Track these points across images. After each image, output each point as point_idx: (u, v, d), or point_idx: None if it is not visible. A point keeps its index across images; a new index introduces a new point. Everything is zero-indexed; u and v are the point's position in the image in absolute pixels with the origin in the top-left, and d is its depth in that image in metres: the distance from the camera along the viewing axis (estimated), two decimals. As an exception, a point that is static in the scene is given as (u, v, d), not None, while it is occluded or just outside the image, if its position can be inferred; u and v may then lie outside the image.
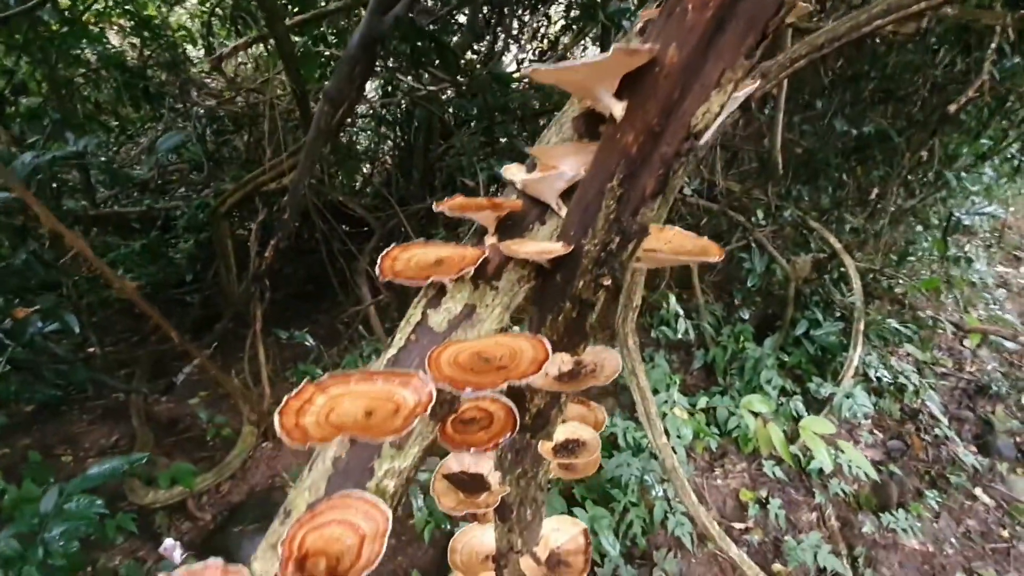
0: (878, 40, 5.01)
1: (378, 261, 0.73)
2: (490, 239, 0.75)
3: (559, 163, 0.74)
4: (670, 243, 0.88)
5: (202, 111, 4.87)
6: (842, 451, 3.11)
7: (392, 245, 0.77)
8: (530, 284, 0.71)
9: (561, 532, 0.90)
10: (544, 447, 0.90)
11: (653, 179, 0.60)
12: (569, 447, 0.90)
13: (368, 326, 4.96)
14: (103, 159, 4.37)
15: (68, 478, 2.34)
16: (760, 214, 4.20)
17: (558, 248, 0.67)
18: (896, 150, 4.81)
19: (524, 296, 0.72)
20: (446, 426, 0.68)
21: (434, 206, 0.76)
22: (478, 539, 1.00)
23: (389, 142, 6.06)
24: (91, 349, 4.93)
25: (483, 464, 0.79)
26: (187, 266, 6.71)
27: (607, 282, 0.65)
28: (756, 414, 3.27)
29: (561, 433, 0.92)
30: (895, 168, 4.86)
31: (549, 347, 0.64)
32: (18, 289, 3.13)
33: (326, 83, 2.34)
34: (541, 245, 0.70)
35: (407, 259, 0.76)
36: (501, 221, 0.77)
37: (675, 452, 2.58)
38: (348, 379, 0.66)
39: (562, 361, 0.85)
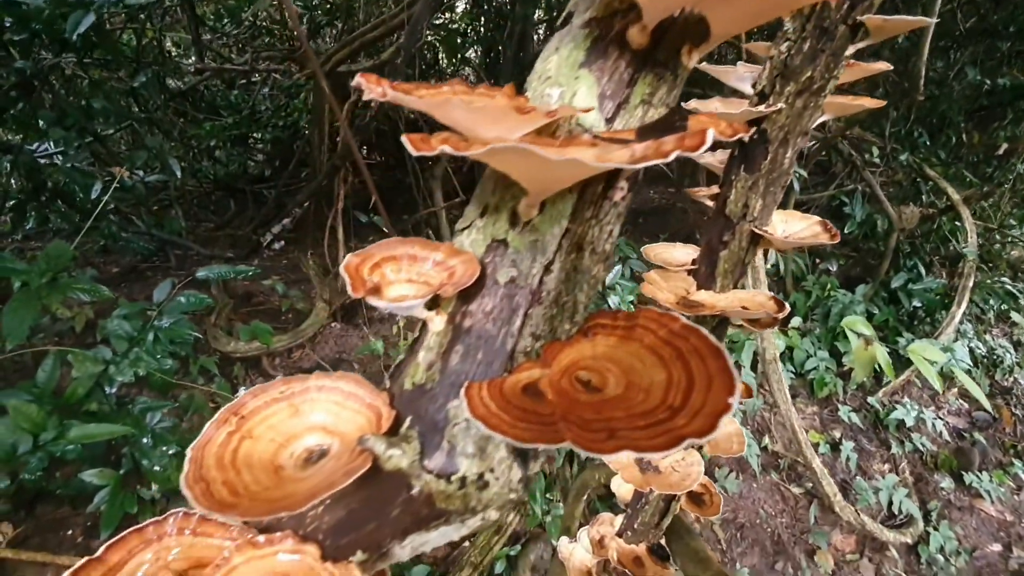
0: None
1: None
2: None
3: None
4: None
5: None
6: (954, 377, 2.89)
7: None
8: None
9: (791, 224, 0.82)
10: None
11: None
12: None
13: (438, 232, 4.96)
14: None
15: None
16: (875, 152, 3.89)
17: None
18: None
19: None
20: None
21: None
22: (669, 251, 0.94)
23: (473, 54, 5.91)
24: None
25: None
26: (266, 161, 6.90)
27: None
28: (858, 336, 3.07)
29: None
30: (1026, 127, 4.42)
31: None
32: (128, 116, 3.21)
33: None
34: None
35: None
36: None
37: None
38: None
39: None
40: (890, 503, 3.07)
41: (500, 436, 0.32)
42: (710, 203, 0.80)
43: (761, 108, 0.64)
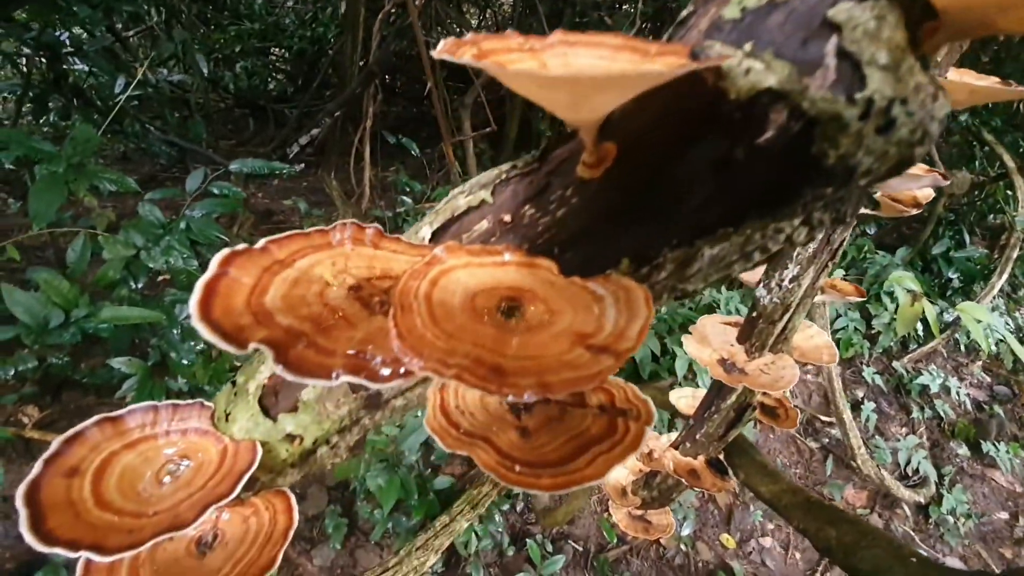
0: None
1: None
2: None
3: None
4: None
5: None
6: (999, 336, 2.82)
7: None
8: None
9: (966, 76, 0.73)
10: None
11: None
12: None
13: (464, 164, 4.81)
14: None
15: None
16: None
17: None
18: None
19: None
20: None
21: None
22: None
23: None
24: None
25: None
26: (287, 79, 6.65)
27: None
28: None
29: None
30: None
31: None
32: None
33: None
34: None
35: None
36: None
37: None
38: None
39: None
40: (907, 463, 3.06)
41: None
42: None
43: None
